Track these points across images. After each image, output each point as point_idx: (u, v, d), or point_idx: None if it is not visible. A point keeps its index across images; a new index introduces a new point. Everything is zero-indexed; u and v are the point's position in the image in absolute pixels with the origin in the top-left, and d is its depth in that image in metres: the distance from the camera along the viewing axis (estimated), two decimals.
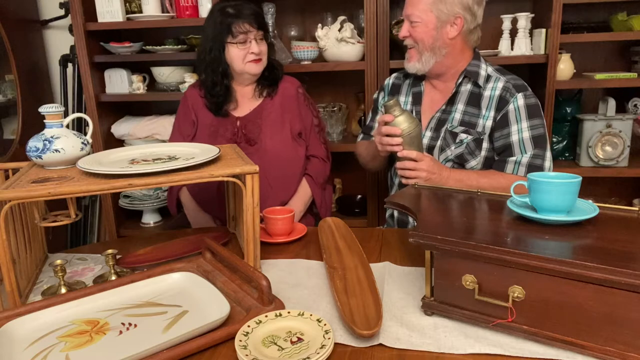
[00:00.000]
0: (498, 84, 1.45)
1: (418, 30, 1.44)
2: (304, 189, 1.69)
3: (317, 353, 0.76)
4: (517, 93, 1.42)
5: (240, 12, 1.58)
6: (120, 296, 0.98)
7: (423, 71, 1.50)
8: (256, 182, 1.06)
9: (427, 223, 0.96)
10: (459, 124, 1.47)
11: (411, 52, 1.49)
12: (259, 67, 1.63)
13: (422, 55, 1.46)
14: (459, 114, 1.48)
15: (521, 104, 1.41)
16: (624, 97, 2.12)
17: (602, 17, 2.10)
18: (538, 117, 1.42)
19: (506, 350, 0.80)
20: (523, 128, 1.41)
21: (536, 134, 1.41)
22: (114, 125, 2.36)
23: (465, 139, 1.45)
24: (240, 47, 1.58)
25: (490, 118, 1.44)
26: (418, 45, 1.46)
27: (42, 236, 1.28)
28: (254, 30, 1.58)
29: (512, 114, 1.42)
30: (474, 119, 1.46)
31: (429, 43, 1.44)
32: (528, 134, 1.41)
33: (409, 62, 1.51)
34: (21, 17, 2.40)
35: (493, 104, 1.44)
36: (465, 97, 1.48)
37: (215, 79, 1.64)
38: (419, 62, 1.48)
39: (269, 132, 1.65)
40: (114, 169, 1.01)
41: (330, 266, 1.08)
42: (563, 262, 0.75)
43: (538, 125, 1.42)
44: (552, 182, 0.90)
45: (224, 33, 1.57)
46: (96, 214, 2.61)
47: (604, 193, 2.31)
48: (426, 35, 1.43)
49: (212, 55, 1.61)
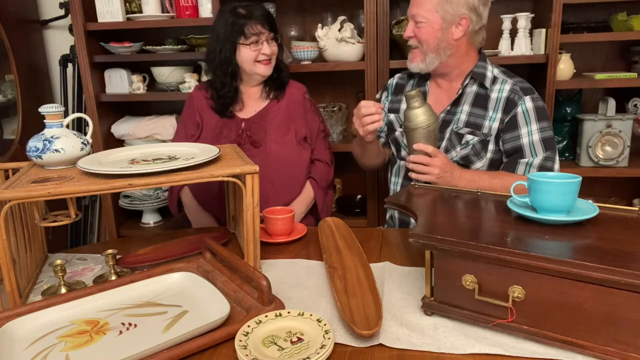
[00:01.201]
0: (505, 86, 1.45)
1: (423, 31, 1.43)
2: (307, 192, 1.70)
3: (317, 353, 0.76)
4: (525, 96, 1.42)
5: (252, 13, 1.58)
6: (120, 296, 0.98)
7: (427, 71, 1.49)
8: (256, 182, 1.06)
9: (427, 223, 0.96)
10: (464, 125, 1.47)
11: (415, 52, 1.48)
12: (268, 68, 1.63)
13: (427, 56, 1.45)
14: (465, 115, 1.47)
15: (530, 106, 1.41)
16: (624, 97, 2.12)
17: (602, 17, 2.10)
18: (546, 120, 1.43)
19: (506, 350, 0.80)
20: (533, 130, 1.41)
21: (546, 136, 1.41)
22: (114, 125, 2.36)
23: (471, 140, 1.45)
24: (252, 48, 1.58)
25: (497, 120, 1.44)
26: (422, 46, 1.45)
27: (42, 236, 1.28)
28: (266, 32, 1.59)
29: (521, 116, 1.42)
30: (479, 120, 1.46)
31: (433, 44, 1.43)
32: (538, 136, 1.41)
33: (412, 62, 1.50)
34: (21, 17, 2.40)
35: (500, 106, 1.44)
36: (471, 98, 1.48)
37: (224, 80, 1.64)
38: (422, 62, 1.47)
39: (273, 135, 1.65)
40: (114, 169, 1.01)
41: (330, 266, 1.08)
42: (563, 262, 0.75)
43: (547, 127, 1.42)
44: (552, 182, 0.90)
45: (235, 34, 1.57)
46: (96, 214, 2.61)
47: (604, 193, 2.31)
48: (431, 36, 1.42)
49: (223, 56, 1.60)
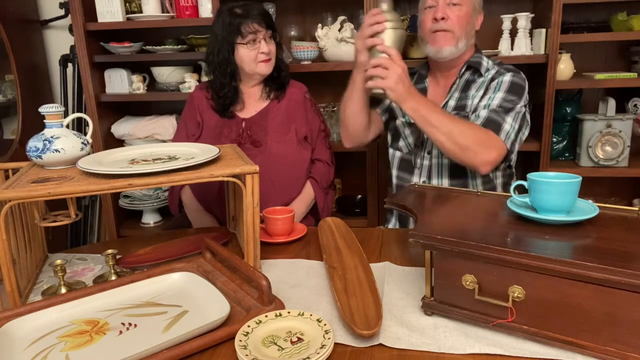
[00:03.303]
0: (492, 71, 1.48)
1: (461, 12, 1.40)
2: (308, 192, 1.69)
3: (317, 353, 0.76)
4: (507, 72, 1.44)
5: (248, 12, 1.58)
6: (120, 296, 0.98)
7: (453, 56, 1.46)
8: (256, 182, 1.06)
9: (427, 223, 0.96)
10: (452, 109, 1.48)
11: (446, 35, 1.42)
12: (269, 67, 1.63)
13: (459, 41, 1.43)
14: (454, 101, 1.49)
15: (506, 79, 1.43)
16: (624, 97, 2.12)
17: (602, 17, 2.10)
18: (516, 95, 1.40)
19: (506, 350, 0.80)
20: (496, 97, 1.40)
21: (505, 105, 1.38)
22: (114, 125, 2.36)
23: None
24: (250, 47, 1.58)
25: (477, 96, 1.45)
26: (455, 29, 1.41)
27: (42, 236, 1.28)
28: (263, 30, 1.58)
29: (493, 84, 1.44)
30: (464, 101, 1.48)
31: (466, 29, 1.42)
32: (497, 102, 1.39)
33: (442, 45, 1.42)
34: (21, 17, 2.40)
35: (484, 85, 1.46)
36: (462, 84, 1.50)
37: (223, 80, 1.64)
38: (455, 46, 1.43)
39: (274, 134, 1.65)
40: (114, 169, 1.01)
41: (330, 266, 1.08)
42: (563, 262, 0.75)
43: (512, 100, 1.39)
44: (552, 182, 0.90)
45: (233, 34, 1.57)
46: (96, 214, 2.61)
47: (604, 193, 2.31)
48: (466, 20, 1.41)
49: (221, 56, 1.60)
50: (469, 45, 1.46)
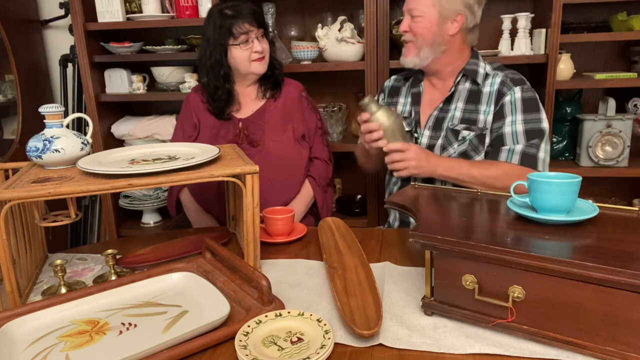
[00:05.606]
0: (496, 79, 1.46)
1: (419, 25, 1.43)
2: (306, 191, 1.69)
3: (317, 353, 0.76)
4: (515, 87, 1.43)
5: (239, 12, 1.57)
6: (120, 296, 0.98)
7: (420, 66, 1.49)
8: (256, 182, 1.06)
9: (427, 223, 0.96)
10: (459, 122, 1.47)
11: (409, 46, 1.48)
12: (263, 65, 1.63)
13: (421, 51, 1.45)
14: (459, 112, 1.48)
15: (518, 97, 1.42)
16: (624, 97, 2.12)
17: (602, 17, 2.10)
18: (534, 112, 1.42)
19: (506, 350, 0.80)
20: (517, 120, 1.41)
21: (530, 127, 1.40)
22: (114, 125, 2.36)
23: (467, 136, 1.45)
24: (243, 47, 1.57)
25: (490, 113, 1.44)
26: (417, 40, 1.45)
27: (42, 236, 1.28)
28: (255, 29, 1.58)
29: (508, 106, 1.42)
30: (474, 115, 1.46)
31: (429, 38, 1.43)
32: (522, 127, 1.40)
33: (406, 56, 1.50)
34: (21, 17, 2.40)
35: (492, 99, 1.45)
36: (465, 95, 1.48)
37: (217, 83, 1.63)
38: (416, 57, 1.47)
39: (271, 133, 1.65)
40: (114, 169, 1.01)
41: (330, 266, 1.08)
42: (563, 262, 0.75)
43: (534, 119, 1.41)
44: (552, 182, 0.90)
45: (224, 36, 1.56)
46: (96, 214, 2.61)
47: (604, 193, 2.31)
48: (427, 31, 1.42)
49: (213, 59, 1.60)
50: (439, 53, 1.45)
